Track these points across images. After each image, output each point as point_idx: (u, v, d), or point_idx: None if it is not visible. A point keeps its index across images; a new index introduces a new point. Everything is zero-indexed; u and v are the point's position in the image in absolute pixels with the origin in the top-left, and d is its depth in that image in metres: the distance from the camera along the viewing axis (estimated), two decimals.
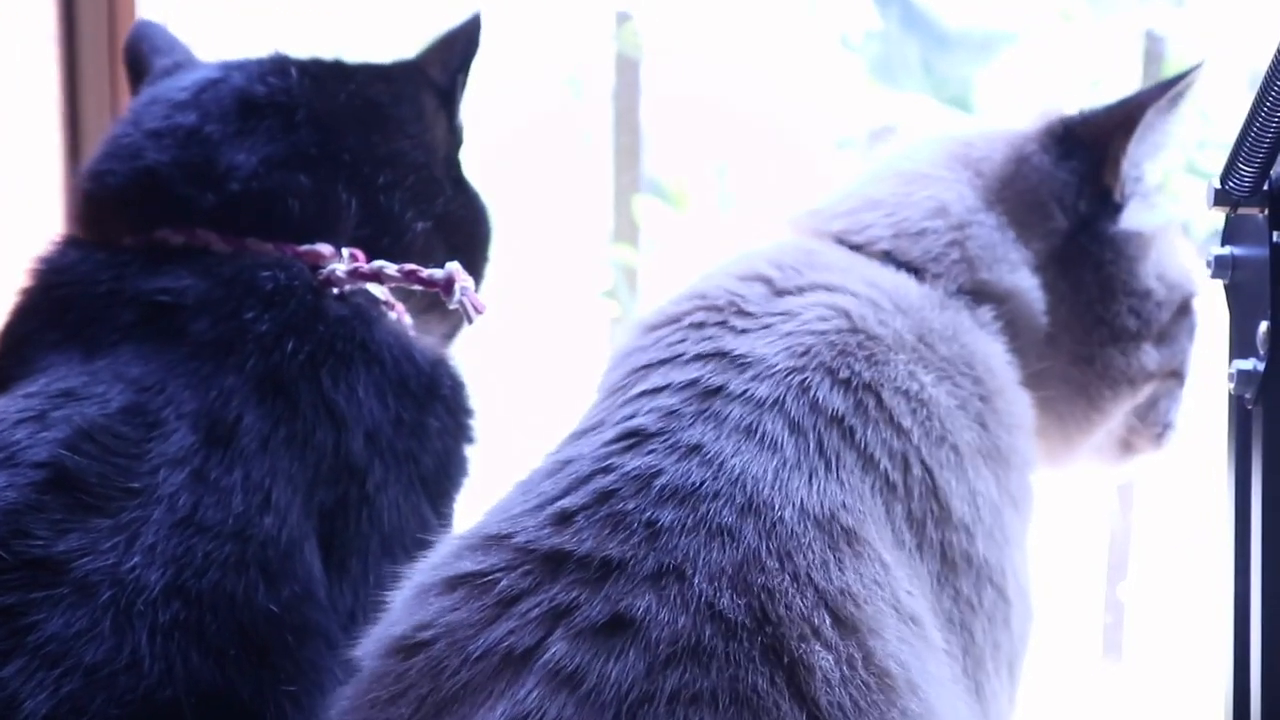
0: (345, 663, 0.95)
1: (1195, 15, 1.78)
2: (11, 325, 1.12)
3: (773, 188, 2.22)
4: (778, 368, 0.91)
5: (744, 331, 0.95)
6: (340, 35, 1.91)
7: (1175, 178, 1.82)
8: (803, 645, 0.77)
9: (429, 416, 1.10)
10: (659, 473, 0.83)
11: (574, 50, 1.87)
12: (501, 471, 1.16)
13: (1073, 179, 1.10)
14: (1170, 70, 1.80)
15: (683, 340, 0.95)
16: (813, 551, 0.80)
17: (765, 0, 2.02)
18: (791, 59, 1.96)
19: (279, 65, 1.18)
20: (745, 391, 0.89)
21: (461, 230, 1.21)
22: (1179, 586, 2.12)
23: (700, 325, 0.96)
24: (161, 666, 0.90)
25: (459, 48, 1.24)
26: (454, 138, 1.25)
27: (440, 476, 1.11)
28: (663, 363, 0.94)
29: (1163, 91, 1.09)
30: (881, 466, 0.89)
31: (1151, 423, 1.19)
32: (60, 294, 1.09)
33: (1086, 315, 1.10)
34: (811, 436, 0.88)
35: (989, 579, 0.93)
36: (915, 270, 1.04)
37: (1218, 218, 1.16)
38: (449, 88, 1.24)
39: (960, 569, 0.92)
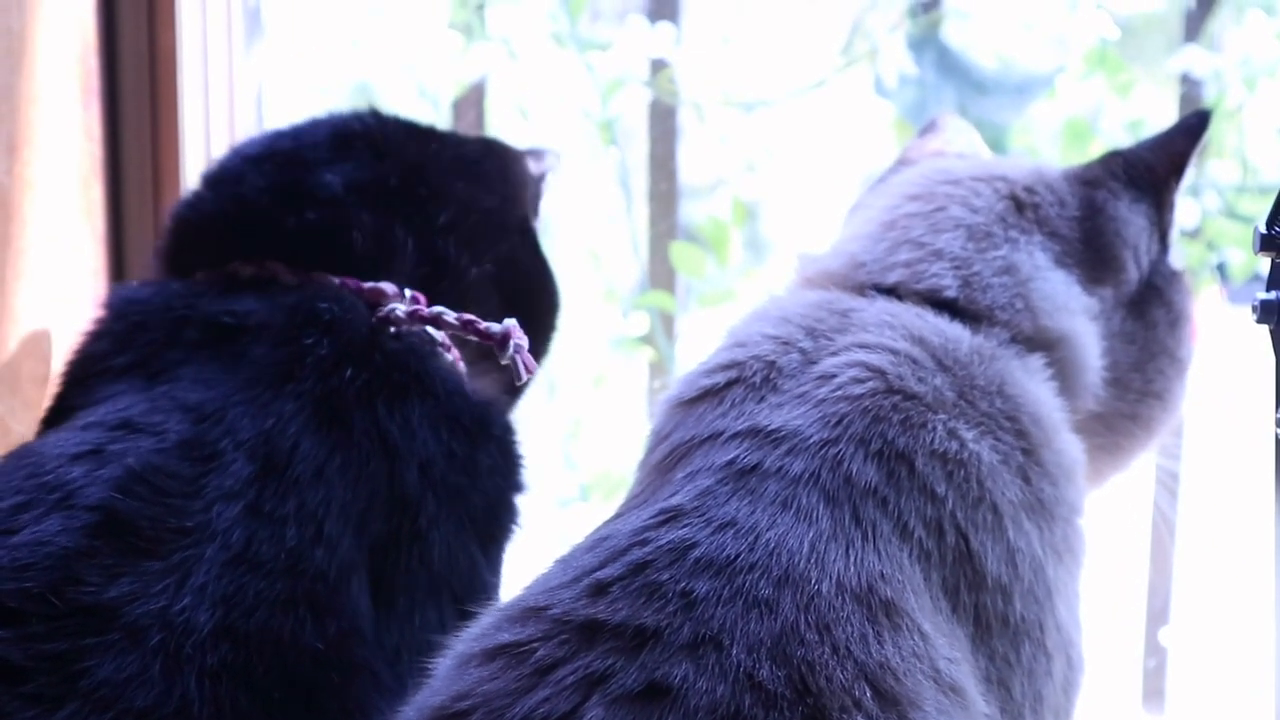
0: (392, 702, 0.96)
1: (1231, 60, 1.77)
2: (79, 354, 1.15)
3: (803, 234, 2.22)
4: (812, 440, 0.91)
5: (779, 405, 0.95)
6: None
7: (1215, 221, 1.82)
8: (844, 716, 0.76)
9: (480, 454, 1.11)
10: (693, 545, 0.83)
11: (609, 96, 1.88)
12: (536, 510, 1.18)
13: (1146, 224, 1.12)
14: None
15: (721, 418, 0.95)
16: (852, 625, 0.80)
17: (799, 44, 2.03)
18: (824, 103, 1.97)
19: (377, 112, 1.26)
20: (780, 468, 0.89)
21: (522, 290, 1.23)
22: (1225, 632, 2.10)
23: (737, 402, 0.96)
24: (211, 711, 0.90)
25: (550, 157, 1.33)
26: (536, 218, 1.31)
27: (489, 519, 1.12)
28: (702, 442, 0.94)
29: (1199, 137, 1.13)
30: (916, 535, 0.89)
31: None
32: (135, 318, 1.13)
33: (1161, 353, 1.11)
34: (847, 509, 0.88)
35: (1026, 635, 0.93)
36: (973, 317, 1.04)
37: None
38: (538, 177, 1.31)
39: (995, 630, 0.91)
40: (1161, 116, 1.84)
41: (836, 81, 1.92)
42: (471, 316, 1.14)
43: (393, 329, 1.12)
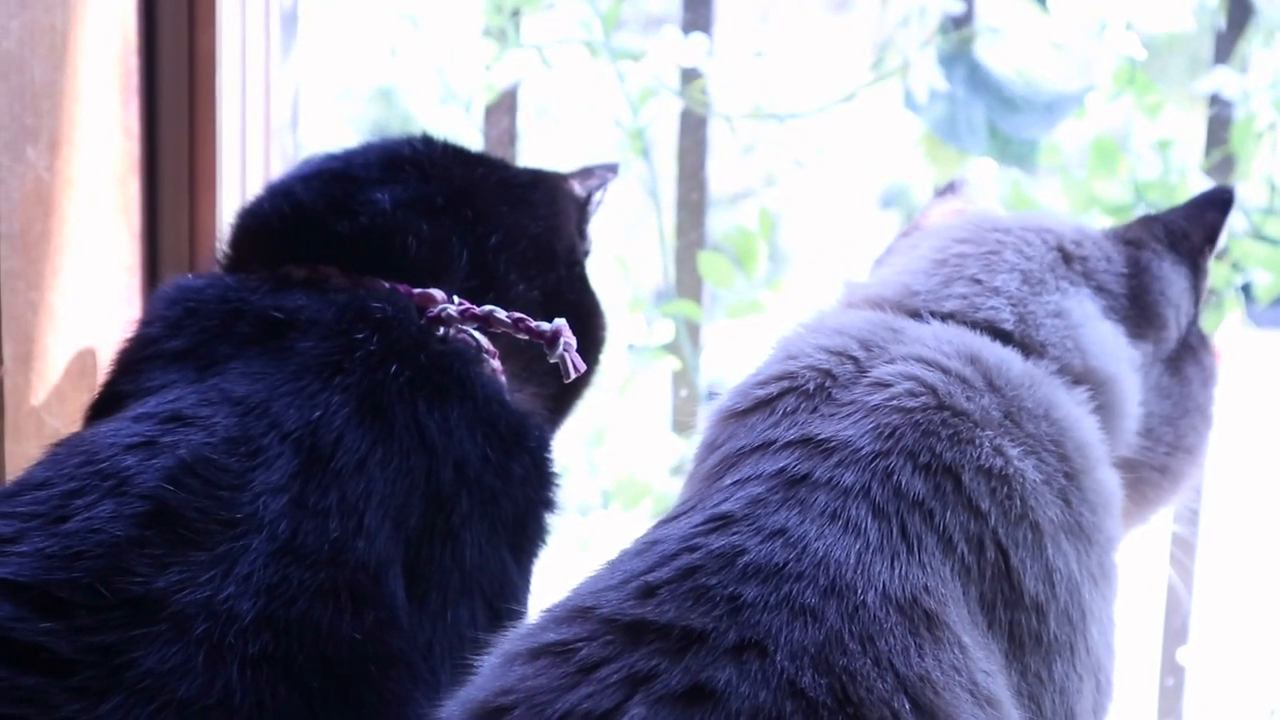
0: (428, 694, 0.96)
1: (1260, 81, 1.78)
2: (131, 339, 1.17)
3: (829, 245, 2.23)
4: (863, 452, 0.92)
5: (831, 415, 0.96)
6: None
7: (1241, 243, 1.82)
8: None
9: (514, 462, 1.13)
10: (742, 551, 0.84)
11: (640, 105, 1.89)
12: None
13: (1186, 285, 1.17)
14: (1237, 135, 1.81)
15: (773, 427, 0.96)
16: (894, 637, 0.81)
17: (830, 58, 2.04)
18: (854, 117, 1.97)
19: (428, 138, 1.30)
20: (830, 479, 0.91)
21: (569, 315, 1.24)
22: (1243, 652, 2.11)
23: (789, 411, 0.97)
24: (252, 701, 0.91)
25: (599, 175, 1.37)
26: (583, 241, 1.35)
27: (519, 529, 1.13)
28: (754, 450, 0.95)
29: (1228, 211, 1.19)
30: (959, 549, 0.90)
31: None
32: (189, 305, 1.15)
33: (1194, 410, 1.15)
34: (894, 521, 0.89)
35: (1058, 654, 0.94)
36: (1026, 349, 1.06)
37: None
38: (584, 199, 1.36)
39: (1028, 647, 0.92)
40: (1190, 137, 1.85)
41: (866, 95, 1.93)
42: (522, 315, 1.16)
43: (441, 330, 1.13)
